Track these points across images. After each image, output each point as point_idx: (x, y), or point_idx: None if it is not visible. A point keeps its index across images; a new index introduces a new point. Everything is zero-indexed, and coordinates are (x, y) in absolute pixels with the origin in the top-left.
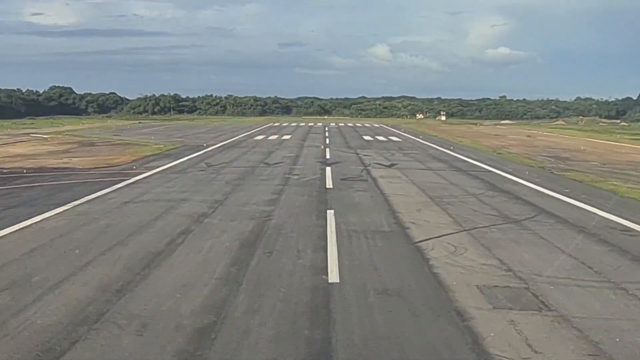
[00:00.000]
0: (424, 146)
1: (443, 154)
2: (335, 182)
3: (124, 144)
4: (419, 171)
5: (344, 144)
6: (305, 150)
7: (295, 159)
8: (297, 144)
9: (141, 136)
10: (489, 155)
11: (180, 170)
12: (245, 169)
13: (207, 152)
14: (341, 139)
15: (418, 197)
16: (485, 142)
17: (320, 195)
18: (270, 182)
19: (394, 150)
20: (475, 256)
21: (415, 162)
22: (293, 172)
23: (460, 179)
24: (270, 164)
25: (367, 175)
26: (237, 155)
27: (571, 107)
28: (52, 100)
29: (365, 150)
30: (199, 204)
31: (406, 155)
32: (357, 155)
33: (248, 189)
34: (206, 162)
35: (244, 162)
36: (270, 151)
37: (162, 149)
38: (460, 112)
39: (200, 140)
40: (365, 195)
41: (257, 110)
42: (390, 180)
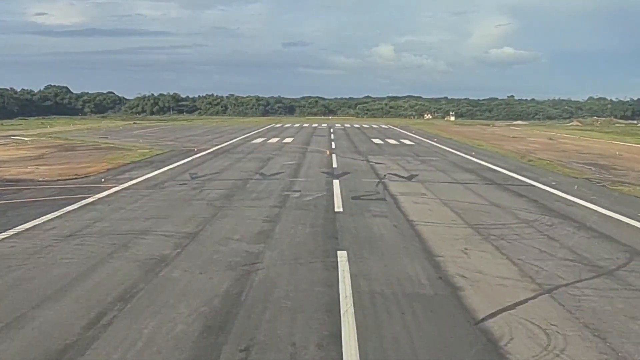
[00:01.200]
0: (441, 151)
1: (466, 161)
2: (346, 202)
3: (107, 149)
4: (445, 185)
5: (352, 149)
6: (309, 157)
7: (296, 168)
8: (300, 148)
9: (130, 139)
10: (518, 162)
11: (157, 184)
12: (235, 182)
13: (195, 159)
14: (348, 142)
15: (456, 226)
16: (506, 146)
17: (327, 225)
18: (263, 202)
19: (409, 157)
20: (590, 357)
21: (438, 172)
22: (293, 187)
23: (499, 197)
24: (267, 175)
25: (384, 191)
26: (229, 163)
27: (584, 107)
28: (47, 99)
29: (377, 156)
30: (162, 241)
31: (424, 162)
32: (368, 163)
33: (234, 213)
34: (191, 172)
35: (235, 172)
36: (268, 158)
37: (147, 155)
38: (469, 112)
39: (193, 143)
40: (386, 224)
41: (259, 110)
42: (414, 199)
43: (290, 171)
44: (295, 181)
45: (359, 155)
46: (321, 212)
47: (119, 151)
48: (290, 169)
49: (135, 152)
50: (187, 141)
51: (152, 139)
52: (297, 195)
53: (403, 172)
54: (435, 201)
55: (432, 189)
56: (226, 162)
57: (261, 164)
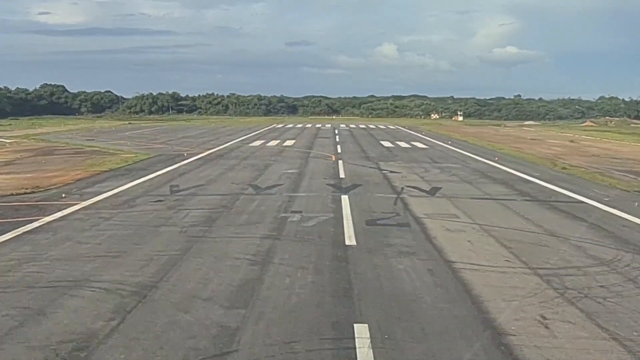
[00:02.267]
0: (459, 156)
1: (491, 168)
2: (359, 229)
3: (89, 153)
4: (478, 203)
5: (360, 153)
6: (312, 164)
7: (297, 179)
8: (302, 153)
9: (118, 141)
10: (550, 170)
11: (127, 202)
12: (222, 199)
13: (182, 167)
14: (355, 145)
15: (515, 271)
16: (528, 150)
17: (336, 270)
18: (253, 230)
19: (426, 163)
20: None
21: (464, 183)
22: (292, 205)
23: (551, 220)
24: (262, 188)
25: (406, 211)
26: (220, 172)
27: (595, 107)
28: (42, 99)
29: (389, 162)
30: (98, 302)
31: (445, 171)
32: (380, 171)
33: (212, 248)
34: (173, 184)
35: (225, 185)
36: (266, 165)
37: (129, 161)
38: (477, 112)
39: (185, 146)
40: (418, 269)
41: (261, 109)
42: (445, 224)
43: (289, 183)
44: (295, 197)
45: (369, 161)
46: (327, 247)
47: (100, 156)
48: (290, 179)
49: (118, 157)
50: (180, 144)
51: (143, 141)
52: (297, 218)
53: (423, 184)
54: (472, 227)
55: (464, 207)
56: (217, 170)
57: (256, 173)
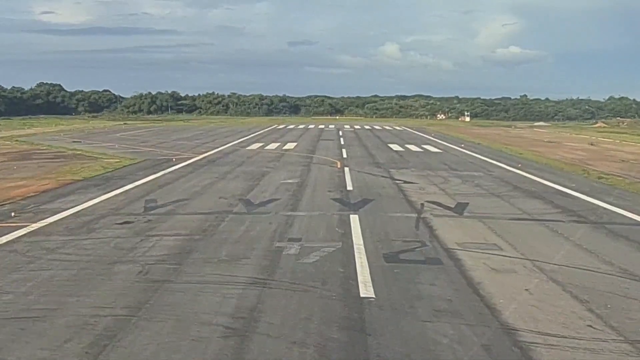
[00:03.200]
0: (478, 162)
1: (518, 177)
2: (376, 269)
3: (69, 157)
4: (519, 226)
5: (368, 159)
6: (315, 172)
7: (297, 191)
8: (303, 158)
9: (107, 143)
10: (585, 179)
11: (86, 224)
12: (204, 220)
13: (166, 175)
14: (362, 149)
15: (613, 353)
16: (548, 154)
17: (348, 350)
18: (236, 270)
19: (443, 171)
20: None
21: (493, 197)
22: (290, 230)
23: (623, 254)
24: (254, 205)
25: (432, 238)
26: (208, 182)
27: (605, 107)
28: (38, 98)
29: (402, 170)
30: None
31: (466, 181)
32: (393, 181)
33: (174, 305)
34: (149, 199)
35: (211, 199)
36: (262, 173)
37: (109, 168)
38: (484, 112)
39: (176, 149)
40: (467, 344)
41: (262, 109)
42: (488, 260)
43: (288, 197)
44: (293, 218)
45: (379, 168)
46: (335, 303)
47: (80, 161)
48: (289, 192)
49: (99, 162)
50: (171, 147)
51: (133, 143)
52: (295, 250)
53: (446, 199)
54: (524, 265)
55: (503, 232)
56: (205, 179)
57: (250, 183)
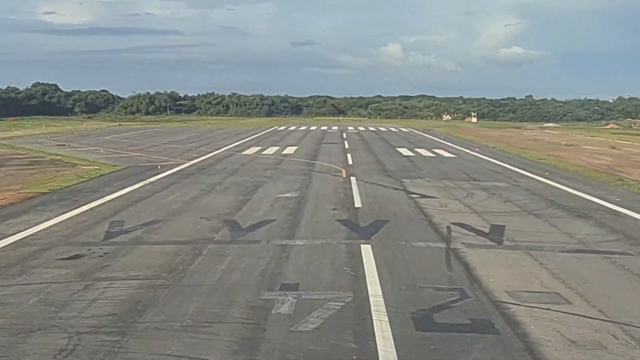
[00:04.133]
0: (499, 169)
1: (550, 190)
2: (403, 341)
3: (44, 164)
4: (580, 262)
5: (376, 165)
6: (317, 183)
7: (295, 209)
8: (304, 164)
9: (93, 147)
10: (627, 192)
11: (22, 260)
12: (173, 253)
13: (145, 188)
14: (369, 154)
15: None
16: (572, 159)
17: None
18: (200, 345)
19: (463, 180)
20: None
21: (530, 217)
22: (283, 270)
23: None
24: (242, 229)
25: (473, 284)
26: (192, 196)
27: (615, 108)
28: (33, 98)
29: (415, 179)
30: None
31: (493, 194)
32: (407, 194)
33: None
34: (115, 221)
35: (190, 221)
36: (256, 184)
37: (84, 177)
38: (491, 113)
39: (165, 154)
40: None
41: (263, 110)
42: (562, 327)
43: (284, 218)
44: (290, 249)
45: (389, 177)
46: None
47: (56, 168)
48: (286, 211)
49: (76, 170)
50: (161, 151)
51: (121, 147)
52: (289, 307)
53: (475, 219)
54: (614, 335)
55: (563, 273)
56: (189, 193)
57: (241, 198)
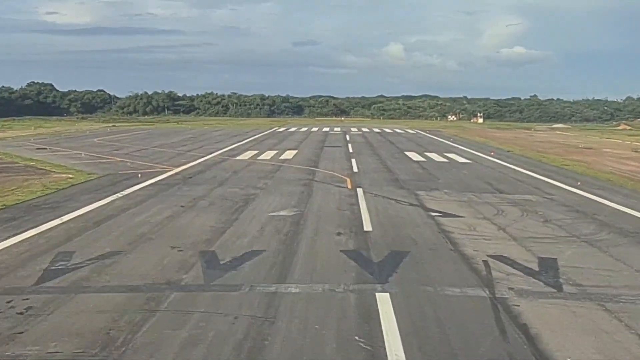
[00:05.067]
0: (525, 178)
1: (591, 204)
2: None
3: (15, 171)
4: None
5: (385, 173)
6: (318, 196)
7: (291, 234)
8: (304, 172)
9: (75, 151)
10: None
11: None
12: (122, 307)
13: (116, 203)
14: (375, 159)
15: None
16: (597, 165)
17: None
18: None
19: (487, 192)
20: None
21: (585, 246)
22: (267, 343)
23: None
24: (220, 265)
25: None
26: (167, 214)
27: (624, 108)
28: (28, 98)
29: (432, 191)
30: None
31: (527, 211)
32: (426, 212)
33: None
34: (63, 252)
35: (156, 253)
36: (246, 198)
37: (52, 188)
38: (497, 113)
39: (152, 159)
40: None
41: (264, 110)
42: None
43: (275, 248)
44: (279, 300)
45: (401, 189)
46: None
47: (25, 176)
48: (279, 237)
49: (46, 178)
50: (148, 155)
51: (105, 151)
52: None
53: (516, 250)
54: None
55: None
56: (164, 211)
57: (226, 218)
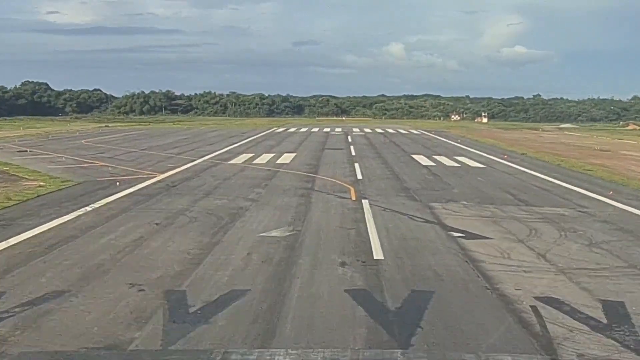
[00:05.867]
0: (547, 186)
1: (635, 220)
2: None
3: None
4: None
5: (394, 181)
6: (317, 211)
7: (283, 265)
8: (302, 180)
9: (57, 154)
10: None
11: None
12: None
13: (81, 219)
14: (381, 163)
15: None
16: (621, 169)
17: None
18: None
19: (511, 205)
20: None
21: None
22: None
23: None
24: (189, 315)
25: None
26: (137, 236)
27: (631, 108)
28: (22, 97)
29: (449, 204)
30: None
31: (565, 230)
32: (446, 233)
33: None
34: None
35: (109, 294)
36: (234, 213)
37: (14, 200)
38: (502, 113)
39: (136, 164)
40: None
41: (263, 110)
42: None
43: (262, 287)
44: None
45: (413, 200)
46: None
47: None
48: (267, 271)
49: (16, 186)
50: (135, 159)
51: (90, 153)
52: None
53: (569, 288)
54: None
55: None
56: (134, 231)
57: (207, 241)
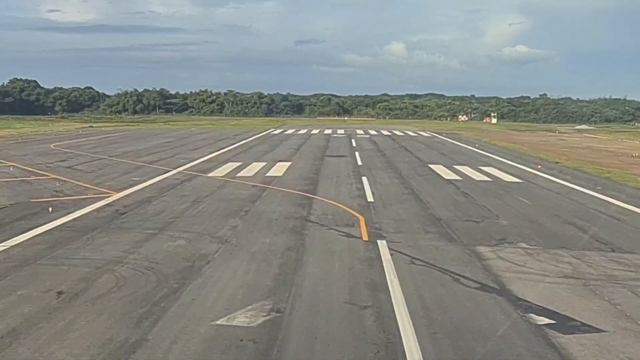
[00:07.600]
0: (619, 214)
1: None
2: None
3: None
4: None
5: (416, 206)
6: (312, 262)
7: None
8: (294, 205)
9: (8, 162)
10: None
11: None
12: None
13: None
14: (394, 177)
15: None
16: None
17: None
18: None
19: (593, 251)
20: None
21: None
22: None
23: None
24: None
25: None
26: (11, 325)
27: None
28: (9, 95)
29: (504, 248)
30: None
31: None
32: (522, 316)
33: None
34: None
35: None
36: (189, 268)
37: None
38: (511, 113)
39: (97, 175)
40: None
41: (261, 109)
42: None
43: None
44: None
45: (449, 240)
46: None
47: None
48: None
49: None
50: (97, 169)
51: (51, 161)
52: None
53: None
54: None
55: None
56: (12, 314)
57: (123, 337)
